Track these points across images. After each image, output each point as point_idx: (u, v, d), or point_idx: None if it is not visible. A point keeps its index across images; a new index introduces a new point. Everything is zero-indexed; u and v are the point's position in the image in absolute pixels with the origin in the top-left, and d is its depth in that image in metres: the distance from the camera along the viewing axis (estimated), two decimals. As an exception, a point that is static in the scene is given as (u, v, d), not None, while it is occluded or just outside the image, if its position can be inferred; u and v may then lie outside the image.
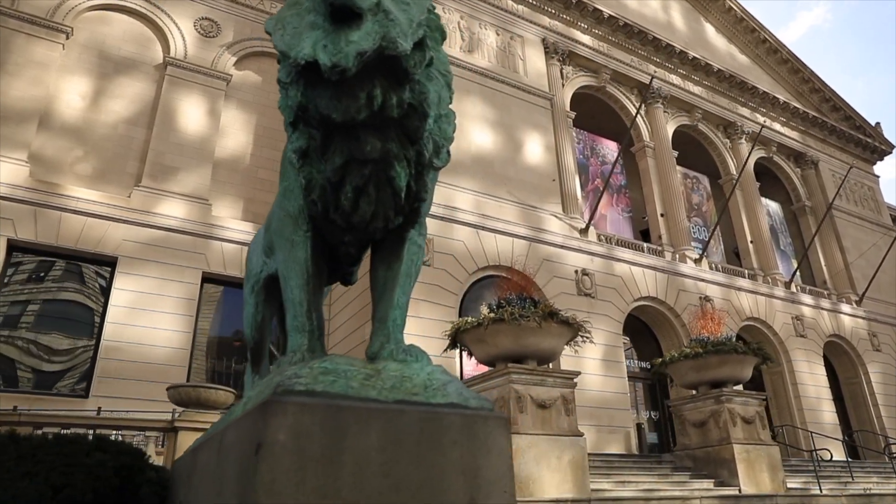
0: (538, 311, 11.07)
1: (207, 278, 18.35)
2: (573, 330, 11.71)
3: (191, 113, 19.69)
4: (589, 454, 15.19)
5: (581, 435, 11.24)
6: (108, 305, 16.70)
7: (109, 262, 17.14)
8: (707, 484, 13.16)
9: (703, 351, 14.24)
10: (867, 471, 18.14)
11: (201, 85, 20.23)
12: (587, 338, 12.22)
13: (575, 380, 11.80)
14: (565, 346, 12.57)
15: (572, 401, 11.50)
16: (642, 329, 21.93)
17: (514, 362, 11.39)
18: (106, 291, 17.01)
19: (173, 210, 18.15)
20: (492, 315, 11.29)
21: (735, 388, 14.76)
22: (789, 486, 14.58)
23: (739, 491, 12.85)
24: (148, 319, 16.72)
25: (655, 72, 25.15)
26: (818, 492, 13.90)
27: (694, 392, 14.98)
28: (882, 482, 16.31)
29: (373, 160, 3.56)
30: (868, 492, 14.51)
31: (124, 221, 17.42)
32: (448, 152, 4.01)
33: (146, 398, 16.12)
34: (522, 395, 10.97)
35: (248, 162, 20.51)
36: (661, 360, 15.13)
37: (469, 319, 11.63)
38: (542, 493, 10.23)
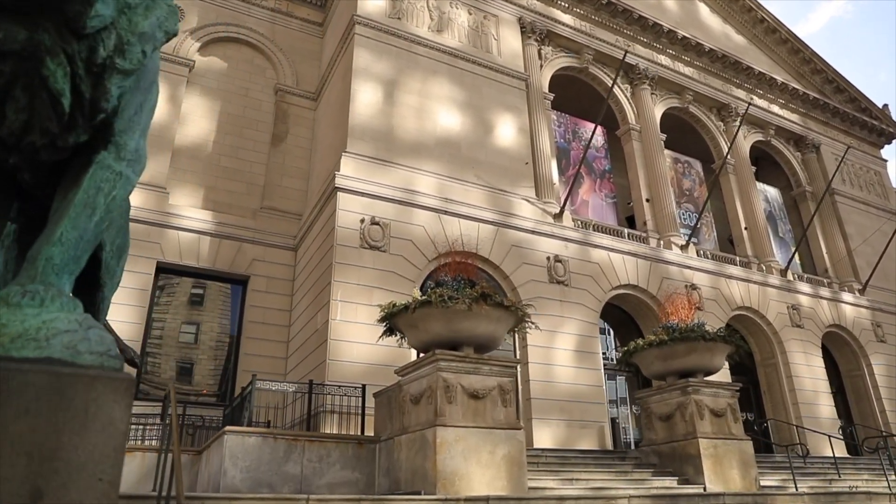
0: (468, 294, 10.18)
1: (163, 268, 17.74)
2: (514, 315, 10.80)
3: (149, 99, 19.04)
4: (544, 449, 14.37)
5: (520, 428, 10.32)
6: (55, 297, 16.12)
7: (57, 253, 16.55)
8: (669, 482, 12.18)
9: (668, 338, 13.23)
10: (859, 467, 16.99)
11: (162, 71, 19.27)
12: (531, 324, 11.34)
13: (515, 368, 10.88)
14: (510, 333, 11.73)
15: (511, 391, 10.56)
16: (625, 319, 20.92)
17: (450, 349, 10.52)
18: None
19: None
20: (420, 298, 10.44)
21: (707, 378, 13.74)
22: (765, 483, 13.55)
23: (704, 489, 11.84)
24: (96, 311, 16.09)
25: (629, 46, 24.02)
26: (794, 490, 12.84)
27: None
28: (873, 479, 15.17)
29: (14, 53, 2.75)
30: (853, 489, 13.39)
31: (74, 210, 16.83)
32: (143, 53, 3.15)
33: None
34: (452, 384, 10.07)
35: (210, 150, 19.87)
36: (626, 349, 14.14)
37: (398, 303, 10.78)
38: (470, 490, 9.35)
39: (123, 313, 16.42)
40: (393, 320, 11.09)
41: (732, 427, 13.17)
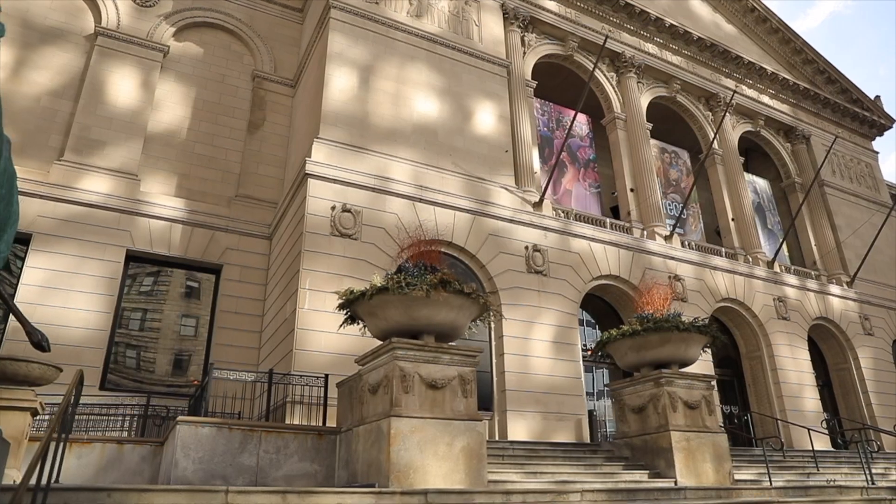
0: (427, 280, 9.83)
1: (133, 256, 17.38)
2: (476, 303, 10.45)
3: (122, 85, 18.69)
4: (513, 442, 14.06)
5: (480, 420, 9.99)
6: (20, 284, 15.76)
7: (23, 240, 16.18)
8: (640, 475, 11.86)
9: (641, 329, 12.90)
10: (840, 461, 16.69)
11: (135, 56, 19.22)
12: (496, 313, 11.00)
13: (478, 358, 10.53)
14: (480, 323, 11.37)
15: (472, 381, 10.23)
16: (608, 311, 20.58)
17: (410, 337, 10.17)
18: (18, 270, 16.10)
19: (97, 185, 17.18)
20: (378, 284, 10.09)
21: (682, 370, 13.41)
22: (740, 477, 13.25)
23: (675, 483, 11.52)
24: (62, 299, 15.78)
25: (616, 34, 23.62)
26: (768, 484, 12.53)
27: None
28: (852, 473, 14.86)
29: None
30: (830, 483, 13.07)
31: (40, 196, 16.47)
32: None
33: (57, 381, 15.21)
34: (409, 373, 9.73)
35: (184, 136, 19.48)
36: (599, 339, 13.80)
37: (356, 289, 10.43)
38: (425, 482, 9.01)
39: (90, 302, 16.11)
40: (352, 307, 10.75)
41: (707, 420, 12.85)
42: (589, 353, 18.71)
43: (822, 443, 19.65)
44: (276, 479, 10.83)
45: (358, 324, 11.13)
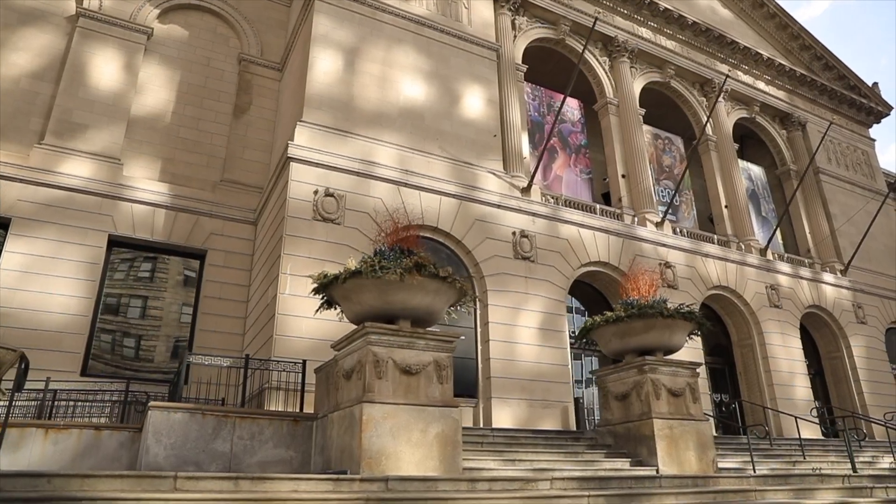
0: (401, 263, 9.61)
1: (116, 241, 17.16)
2: (452, 287, 10.23)
3: (104, 68, 18.40)
4: (494, 429, 13.90)
5: (455, 406, 9.80)
6: (-1, 269, 15.57)
7: (2, 224, 15.97)
8: (621, 463, 11.71)
9: (625, 315, 12.70)
10: (828, 449, 16.54)
11: (117, 38, 18.91)
12: (472, 297, 10.80)
13: (454, 343, 10.33)
14: (455, 308, 11.16)
15: (448, 367, 10.04)
16: (598, 298, 20.37)
17: (386, 322, 9.98)
18: (-3, 254, 15.88)
19: (78, 169, 16.93)
20: (353, 267, 9.89)
21: (668, 357, 13.22)
22: (725, 465, 13.10)
23: (657, 471, 11.36)
24: (42, 284, 15.57)
25: (608, 18, 23.25)
26: (752, 472, 12.38)
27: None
28: (839, 461, 14.71)
29: None
30: (816, 471, 12.92)
31: (20, 180, 16.24)
32: None
33: (32, 367, 15.02)
34: (382, 358, 9.54)
35: (168, 120, 19.21)
36: (583, 326, 13.61)
37: (329, 273, 10.23)
38: (398, 469, 8.84)
39: (71, 287, 15.91)
40: (327, 291, 10.56)
41: (691, 407, 12.68)
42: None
43: (811, 431, 19.50)
44: (250, 465, 10.67)
45: (335, 308, 10.94)
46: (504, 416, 15.51)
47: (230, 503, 5.21)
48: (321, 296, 10.81)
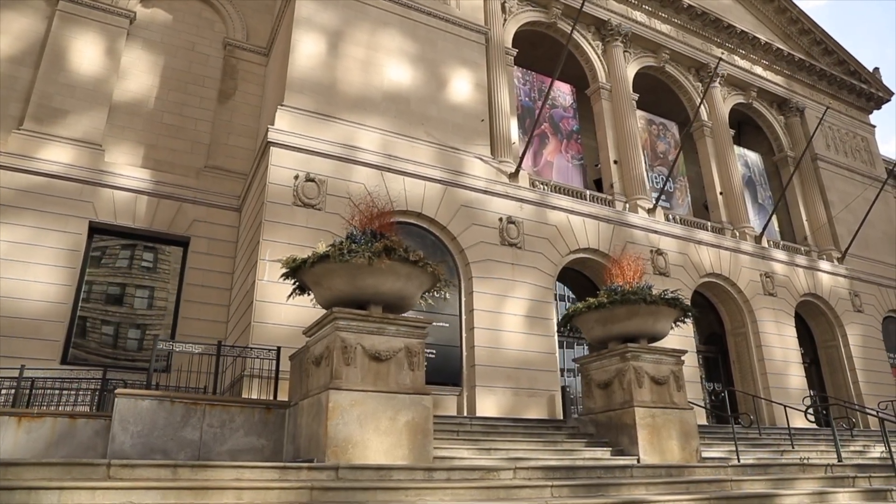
0: (370, 247, 9.35)
1: (97, 228, 16.94)
2: (424, 271, 9.95)
3: (85, 52, 18.11)
4: (472, 417, 13.67)
5: (427, 393, 9.56)
6: (-24, 255, 15.36)
7: (-22, 211, 15.77)
8: (601, 453, 11.46)
9: (607, 301, 12.42)
10: (818, 438, 16.28)
11: (99, 22, 18.61)
12: (447, 283, 10.53)
13: (426, 329, 10.08)
14: (430, 294, 10.90)
15: (420, 353, 9.80)
16: (587, 285, 20.07)
17: (357, 308, 9.73)
18: (-26, 241, 15.66)
19: (58, 155, 16.69)
20: (321, 251, 9.63)
21: (653, 344, 12.94)
22: (710, 455, 12.84)
23: (638, 461, 11.11)
24: (21, 271, 15.37)
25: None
26: (736, 461, 12.13)
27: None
28: (828, 450, 14.42)
29: None
30: (804, 461, 12.66)
31: (-2, 167, 16.02)
32: None
33: (9, 355, 14.86)
34: (351, 344, 9.30)
35: (152, 106, 18.95)
36: (565, 312, 13.34)
37: (298, 257, 9.98)
38: (365, 458, 8.61)
39: (51, 274, 15.72)
40: (298, 276, 10.32)
41: (675, 396, 12.41)
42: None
43: (805, 420, 19.19)
44: (219, 453, 10.47)
45: (308, 294, 10.70)
46: (488, 405, 15.28)
47: (167, 492, 4.98)
48: (293, 281, 10.58)
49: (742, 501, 7.62)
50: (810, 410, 13.24)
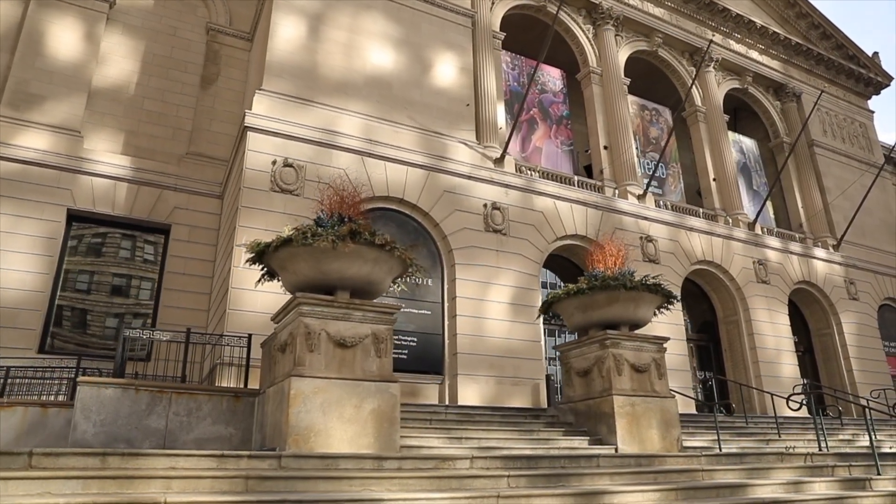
0: (334, 231, 9.08)
1: (75, 216, 16.70)
2: (392, 255, 9.68)
3: (63, 37, 17.81)
4: (447, 405, 13.43)
5: (394, 381, 9.31)
6: (-50, 244, 15.15)
7: (-47, 198, 15.54)
8: (579, 442, 11.20)
9: (587, 287, 12.13)
10: (807, 427, 15.98)
11: (77, 6, 18.28)
12: (418, 269, 10.26)
13: (395, 315, 9.82)
14: (400, 280, 10.64)
15: (387, 339, 9.54)
16: (576, 272, 19.70)
17: (324, 293, 9.48)
18: (-51, 229, 15.45)
19: (35, 142, 16.42)
20: (285, 234, 9.38)
21: (635, 332, 12.66)
22: (693, 444, 12.59)
23: (616, 450, 10.86)
24: (-5, 259, 15.13)
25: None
26: (718, 450, 11.87)
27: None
28: (815, 440, 14.13)
29: None
30: (789, 450, 12.39)
31: (-28, 153, 15.77)
32: None
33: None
34: (315, 330, 9.06)
35: (132, 92, 18.66)
36: (545, 299, 13.06)
37: (263, 241, 9.73)
38: (328, 447, 8.39)
39: (28, 262, 15.49)
40: (264, 261, 10.07)
41: (656, 384, 12.14)
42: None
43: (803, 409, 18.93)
44: (185, 442, 10.25)
45: (277, 280, 10.45)
46: (471, 394, 15.04)
47: (89, 481, 4.74)
48: (261, 267, 10.34)
49: (710, 492, 7.36)
50: (794, 398, 12.92)
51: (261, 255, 9.84)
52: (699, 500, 6.84)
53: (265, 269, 10.34)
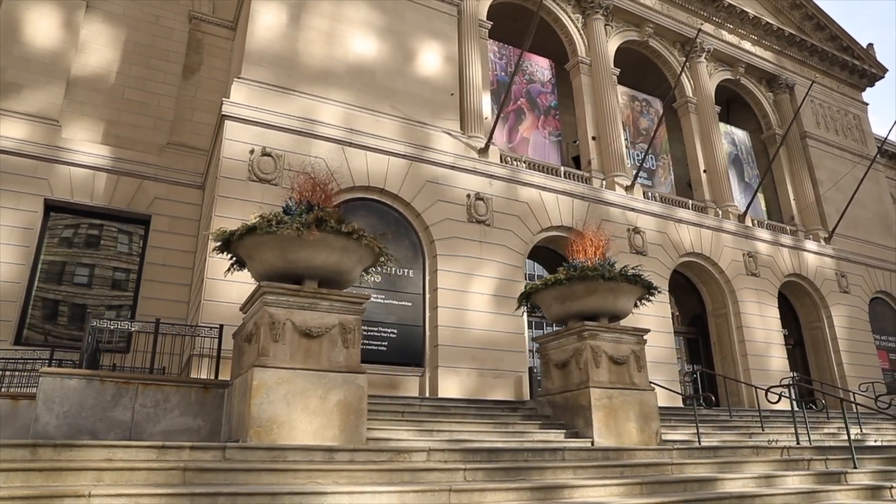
0: (299, 219, 8.88)
1: (53, 206, 16.47)
2: (360, 245, 9.46)
3: (41, 25, 17.53)
4: (422, 398, 13.23)
5: (361, 372, 9.12)
6: (-77, 235, 14.94)
7: (-74, 188, 15.32)
8: (555, 435, 11.00)
9: (565, 278, 11.93)
10: (792, 421, 15.77)
11: (57, -7, 18.01)
12: (389, 258, 10.07)
13: (364, 305, 9.62)
14: (372, 269, 10.42)
15: (355, 329, 9.35)
16: (561, 264, 19.53)
17: (292, 283, 9.28)
18: (-76, 219, 15.22)
19: (11, 131, 16.17)
20: (250, 222, 9.18)
21: (616, 323, 12.47)
22: (672, 438, 12.41)
23: (592, 443, 10.68)
24: (-30, 250, 14.92)
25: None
26: (697, 444, 11.68)
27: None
28: (800, 433, 13.94)
29: None
30: (772, 443, 12.22)
31: (-55, 143, 15.55)
32: None
33: (-41, 336, 14.51)
34: (279, 320, 8.87)
35: (113, 81, 18.39)
36: (522, 290, 12.86)
37: (228, 229, 9.51)
38: (292, 438, 8.20)
39: (4, 253, 15.27)
40: (231, 250, 9.85)
41: (635, 376, 11.95)
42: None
43: (785, 402, 18.73)
44: (152, 434, 10.05)
45: (247, 270, 10.24)
46: (452, 386, 14.86)
47: (12, 474, 4.55)
48: (230, 256, 10.13)
49: (677, 486, 7.16)
50: (773, 391, 12.74)
51: (227, 243, 9.63)
52: (664, 495, 6.65)
53: (233, 258, 10.13)
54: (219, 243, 9.73)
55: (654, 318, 18.36)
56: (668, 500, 6.36)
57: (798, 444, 11.18)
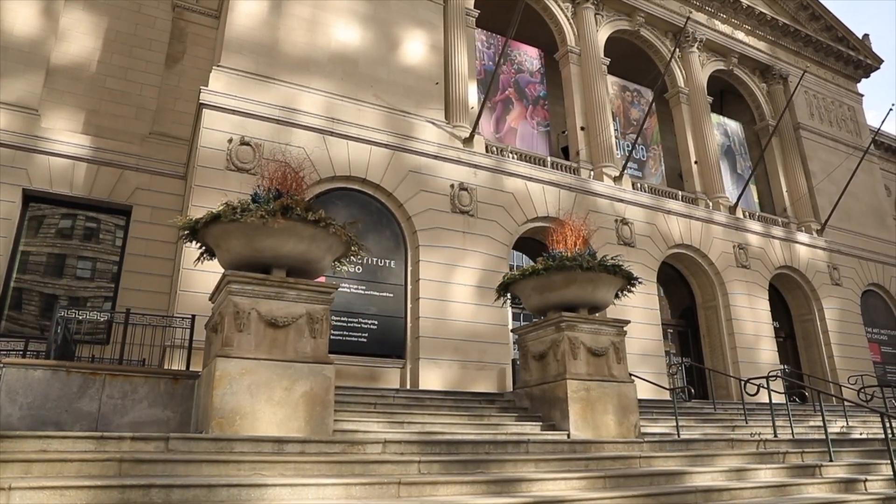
0: (264, 207, 8.69)
1: (32, 196, 16.29)
2: (327, 232, 9.27)
3: (18, 12, 17.28)
4: (397, 389, 13.06)
5: (329, 363, 8.95)
6: None
7: None
8: (531, 427, 10.84)
9: (543, 268, 11.74)
10: (778, 414, 15.60)
11: (36, -20, 17.76)
12: (360, 246, 9.88)
13: (333, 294, 9.44)
14: (345, 259, 10.24)
15: (323, 319, 9.16)
16: (550, 257, 19.36)
17: (260, 272, 9.11)
18: None
19: (-11, 120, 15.98)
20: (215, 210, 9.00)
21: (596, 314, 12.30)
22: (653, 430, 12.25)
23: (568, 436, 10.51)
24: (-54, 241, 14.76)
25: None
26: (676, 436, 11.52)
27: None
28: (784, 426, 13.79)
29: None
30: (755, 436, 12.07)
31: (-81, 132, 15.35)
32: None
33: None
34: (244, 309, 8.68)
35: (94, 70, 18.16)
36: (501, 281, 12.67)
37: (194, 217, 9.34)
38: (255, 430, 8.05)
39: (-24, 244, 15.11)
40: (198, 238, 9.67)
41: (614, 368, 11.76)
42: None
43: (776, 396, 18.57)
44: (119, 425, 9.90)
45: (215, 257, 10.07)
46: (433, 378, 14.70)
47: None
48: (198, 245, 9.95)
49: (643, 479, 6.99)
50: (752, 382, 12.58)
51: (193, 231, 9.44)
52: (626, 489, 6.48)
53: (202, 247, 9.95)
54: (186, 232, 9.55)
55: (642, 309, 18.22)
56: (629, 493, 6.19)
57: (776, 436, 11.00)
